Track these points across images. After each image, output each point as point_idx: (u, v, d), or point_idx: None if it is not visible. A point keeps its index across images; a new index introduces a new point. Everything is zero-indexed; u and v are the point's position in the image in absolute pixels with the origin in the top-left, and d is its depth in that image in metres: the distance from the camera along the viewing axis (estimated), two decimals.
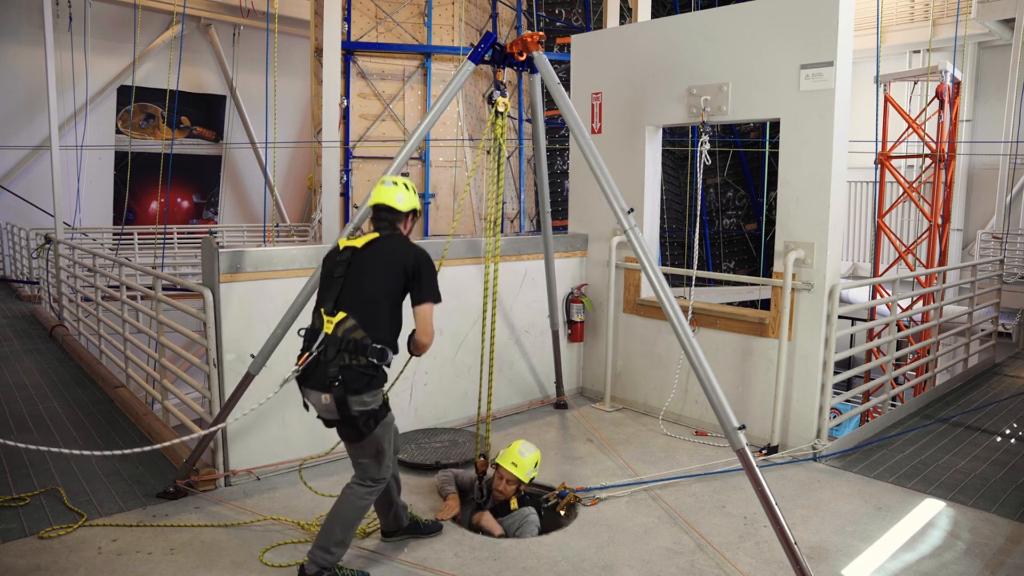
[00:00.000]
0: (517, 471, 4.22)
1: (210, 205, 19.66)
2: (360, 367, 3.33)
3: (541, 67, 4.69)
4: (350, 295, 3.45)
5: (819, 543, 4.02)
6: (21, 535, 3.97)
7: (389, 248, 3.56)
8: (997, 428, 6.03)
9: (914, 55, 17.67)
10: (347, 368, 3.32)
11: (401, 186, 3.71)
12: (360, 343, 3.34)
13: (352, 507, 3.51)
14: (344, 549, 3.52)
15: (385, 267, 3.49)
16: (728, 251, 16.41)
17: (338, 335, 3.36)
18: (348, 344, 3.34)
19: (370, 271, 3.48)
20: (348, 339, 3.35)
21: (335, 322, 3.39)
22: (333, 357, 3.34)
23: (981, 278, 8.71)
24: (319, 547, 3.45)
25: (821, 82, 5.05)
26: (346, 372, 3.32)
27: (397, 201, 3.66)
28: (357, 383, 3.33)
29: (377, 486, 3.55)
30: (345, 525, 3.50)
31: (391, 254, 3.53)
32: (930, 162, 10.51)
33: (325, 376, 3.34)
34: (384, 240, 3.59)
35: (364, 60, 14.02)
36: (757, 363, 5.57)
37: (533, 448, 4.34)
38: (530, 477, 4.28)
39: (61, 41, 14.46)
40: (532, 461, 4.28)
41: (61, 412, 6.24)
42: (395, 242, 3.60)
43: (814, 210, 5.18)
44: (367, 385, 3.36)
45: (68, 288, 9.96)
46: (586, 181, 6.67)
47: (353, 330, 3.36)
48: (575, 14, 15.54)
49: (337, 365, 3.32)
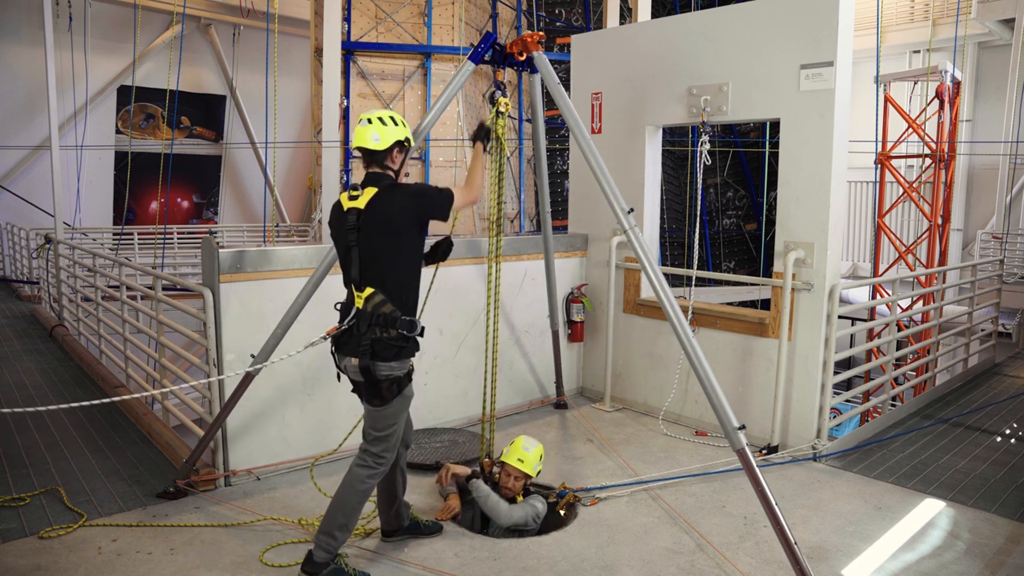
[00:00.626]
0: (524, 466, 4.23)
1: (210, 205, 19.66)
2: (390, 339, 3.45)
3: (541, 67, 4.69)
4: (371, 268, 3.48)
5: (819, 543, 4.02)
6: (21, 535, 3.97)
7: (388, 204, 3.46)
8: (997, 428, 6.03)
9: (914, 55, 17.68)
10: (378, 340, 3.45)
11: (376, 122, 3.52)
12: (390, 316, 3.44)
13: (354, 491, 3.54)
14: (347, 534, 3.56)
15: (389, 229, 3.47)
16: (728, 251, 16.41)
17: (368, 310, 3.46)
18: (379, 319, 3.45)
19: (381, 237, 3.46)
20: (378, 313, 3.45)
21: (364, 297, 3.48)
22: (365, 331, 3.45)
23: (981, 278, 8.71)
24: (323, 532, 3.51)
25: (821, 82, 5.05)
26: (377, 344, 3.45)
27: (373, 141, 3.50)
28: (387, 352, 3.46)
29: (379, 467, 3.57)
30: (347, 510, 3.53)
31: (389, 211, 3.45)
32: (930, 162, 10.51)
33: (358, 346, 3.47)
34: (382, 195, 3.48)
35: (364, 60, 14.02)
36: (757, 363, 5.57)
37: (536, 442, 4.37)
38: (537, 471, 4.31)
39: (61, 41, 14.46)
40: (537, 455, 4.31)
41: (61, 412, 6.23)
42: (391, 195, 3.48)
43: (814, 210, 5.18)
44: (396, 354, 3.48)
45: (68, 288, 9.96)
46: (586, 181, 6.67)
47: (382, 304, 3.46)
48: (575, 14, 15.54)
49: (369, 338, 3.44)
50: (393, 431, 3.58)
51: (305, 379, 4.89)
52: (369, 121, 3.53)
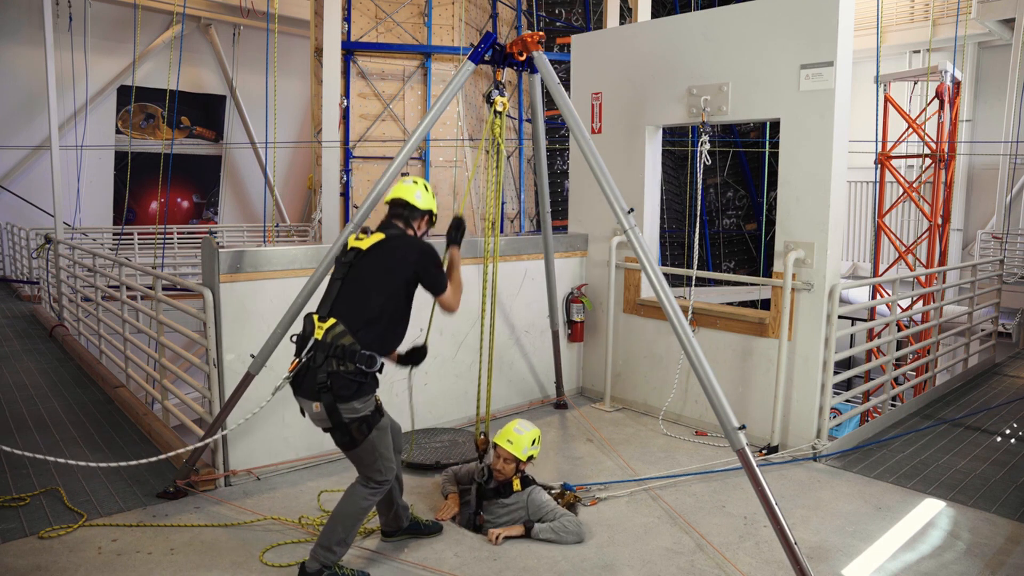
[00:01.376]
0: (513, 448, 4.10)
1: (210, 205, 19.66)
2: (348, 374, 3.30)
3: (541, 67, 4.69)
4: (344, 301, 3.44)
5: (819, 543, 4.02)
6: (21, 535, 3.97)
7: (392, 251, 3.52)
8: (997, 428, 6.03)
9: (914, 55, 17.67)
10: (335, 375, 3.29)
11: (421, 185, 3.73)
12: (348, 348, 3.30)
13: (355, 507, 3.51)
14: (346, 548, 3.52)
15: (386, 271, 3.47)
16: (728, 251, 16.42)
17: (327, 341, 3.33)
18: (336, 350, 3.30)
19: (369, 276, 3.46)
20: (336, 345, 3.31)
21: (325, 328, 3.36)
22: (321, 363, 3.31)
23: (981, 278, 8.71)
24: (321, 546, 3.46)
25: (821, 82, 5.05)
26: (334, 379, 3.29)
27: (415, 198, 3.68)
28: (346, 390, 3.31)
29: (381, 488, 3.55)
30: (347, 524, 3.50)
31: (392, 258, 3.50)
32: (930, 162, 10.51)
33: (314, 383, 3.31)
34: (389, 242, 3.55)
35: (364, 60, 14.03)
36: (757, 363, 5.57)
37: (530, 426, 4.24)
38: (527, 455, 4.16)
39: (61, 41, 14.46)
40: (529, 439, 4.16)
41: (61, 412, 6.24)
42: (399, 243, 3.56)
43: (814, 210, 5.18)
44: (356, 392, 3.33)
45: (68, 288, 9.96)
46: (586, 181, 6.67)
47: (342, 336, 3.33)
48: (575, 14, 15.54)
49: (325, 371, 3.29)
50: (379, 459, 3.50)
51: None
52: (415, 182, 3.71)
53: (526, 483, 4.21)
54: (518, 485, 4.18)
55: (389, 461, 3.57)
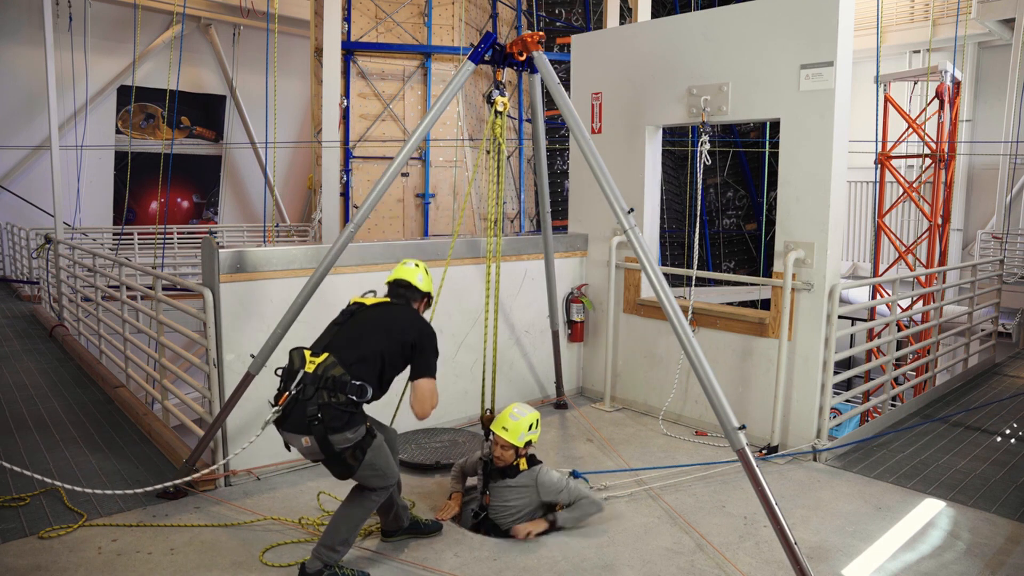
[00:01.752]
0: (508, 436, 4.04)
1: (210, 205, 19.66)
2: (339, 404, 3.28)
3: (541, 67, 4.69)
4: (340, 340, 3.49)
5: (819, 543, 4.02)
6: (21, 535, 3.97)
7: (396, 313, 3.68)
8: (997, 428, 6.03)
9: (914, 55, 17.67)
10: (326, 406, 3.27)
11: (423, 269, 3.92)
12: (339, 379, 3.30)
13: (360, 508, 3.54)
14: (348, 548, 3.54)
15: (386, 328, 3.56)
16: (728, 251, 16.42)
17: (317, 373, 3.32)
18: (326, 381, 3.29)
19: (370, 326, 3.56)
20: (327, 376, 3.30)
21: (318, 362, 3.36)
22: (311, 395, 3.28)
23: (981, 278, 8.71)
24: (324, 545, 3.47)
25: (821, 82, 5.05)
26: (325, 410, 3.27)
27: (417, 280, 3.86)
28: (337, 421, 3.29)
29: (388, 490, 3.59)
30: (351, 525, 3.52)
31: (396, 319, 3.63)
32: (930, 162, 10.51)
33: (304, 415, 3.28)
34: (394, 306, 3.73)
35: (364, 60, 14.02)
36: (757, 363, 5.57)
37: (527, 410, 4.14)
38: (525, 440, 4.07)
39: (61, 41, 14.45)
40: (526, 424, 4.08)
41: (61, 412, 6.24)
42: (404, 310, 3.72)
43: (814, 210, 5.18)
44: (347, 423, 3.31)
45: (68, 288, 9.96)
46: (586, 181, 6.67)
47: (332, 367, 3.33)
48: (575, 14, 15.54)
49: (316, 403, 3.27)
50: (380, 471, 3.50)
51: None
52: (416, 265, 3.90)
53: (532, 462, 4.16)
54: (524, 465, 4.14)
55: (390, 470, 3.58)
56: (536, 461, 4.19)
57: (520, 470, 4.12)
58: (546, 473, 4.14)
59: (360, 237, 8.89)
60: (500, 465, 4.13)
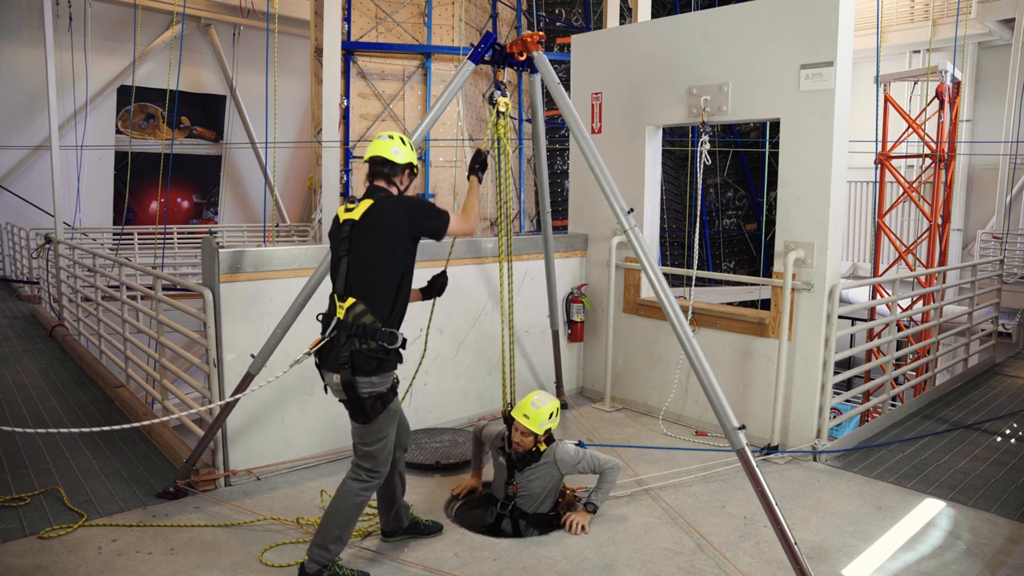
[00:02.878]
0: (529, 423, 4.08)
1: (210, 205, 19.66)
2: (370, 351, 3.39)
3: (541, 67, 4.69)
4: (356, 277, 3.47)
5: (819, 543, 4.02)
6: (21, 535, 3.97)
7: (383, 215, 3.49)
8: (997, 428, 6.03)
9: (914, 55, 17.67)
10: (357, 352, 3.39)
11: (397, 139, 3.67)
12: (370, 327, 3.38)
13: (348, 503, 3.51)
14: (341, 546, 3.52)
15: (383, 238, 3.47)
16: (728, 251, 16.42)
17: (348, 321, 3.41)
18: (358, 329, 3.39)
19: (369, 247, 3.46)
20: (358, 324, 3.40)
21: (346, 307, 3.44)
22: (345, 342, 3.40)
23: (981, 278, 8.71)
24: (316, 544, 3.46)
25: (821, 82, 5.05)
26: (356, 356, 3.39)
27: (393, 153, 3.62)
28: (367, 366, 3.40)
29: (373, 480, 3.54)
30: (341, 521, 3.50)
31: (386, 222, 3.48)
32: (930, 162, 10.51)
33: (337, 359, 3.42)
34: (378, 206, 3.51)
35: (364, 60, 14.02)
36: (757, 363, 5.57)
37: (549, 398, 4.19)
38: (545, 428, 4.13)
39: (61, 41, 14.46)
40: (547, 412, 4.14)
41: (61, 412, 6.24)
42: (387, 206, 3.52)
43: (814, 210, 5.17)
44: (377, 368, 3.41)
45: (68, 288, 9.96)
46: (586, 181, 6.67)
47: (363, 315, 3.41)
48: (575, 14, 15.54)
49: (348, 350, 3.39)
50: (382, 445, 3.53)
51: (305, 379, 4.88)
52: (391, 137, 3.67)
53: (549, 441, 4.24)
54: (543, 446, 4.19)
55: (388, 450, 3.57)
56: (552, 439, 4.27)
57: (541, 451, 4.19)
58: (563, 448, 4.22)
59: None
60: (519, 451, 4.17)
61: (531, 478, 4.19)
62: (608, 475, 4.21)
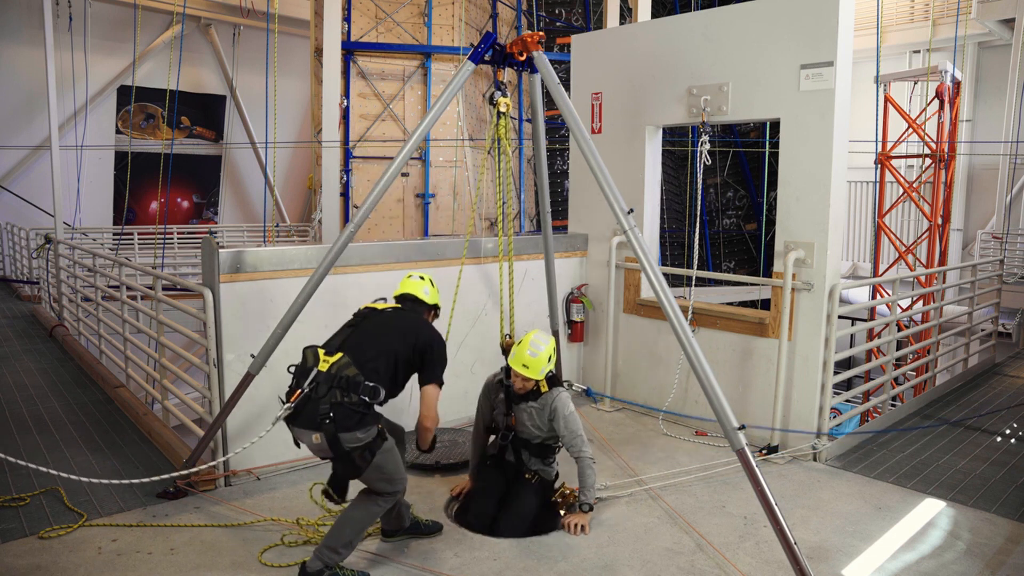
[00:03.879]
0: (530, 372, 4.10)
1: (210, 205, 19.66)
2: (351, 404, 3.31)
3: (541, 67, 4.69)
4: (354, 341, 3.53)
5: (819, 543, 4.02)
6: (21, 535, 3.97)
7: (407, 318, 3.73)
8: (997, 428, 6.03)
9: (914, 55, 17.67)
10: (338, 405, 3.29)
11: (428, 282, 3.96)
12: (352, 380, 3.33)
13: (366, 512, 3.55)
14: (350, 551, 3.55)
15: (398, 331, 3.62)
16: (728, 251, 16.42)
17: (331, 372, 3.35)
18: (340, 381, 3.32)
19: (381, 328, 3.61)
20: (340, 376, 3.33)
21: (332, 360, 3.39)
22: (324, 394, 3.31)
23: (981, 278, 8.71)
24: (327, 547, 3.47)
25: (821, 82, 5.05)
26: (337, 409, 3.29)
27: (423, 293, 3.92)
28: (348, 421, 3.30)
29: (396, 496, 3.62)
30: (356, 528, 3.53)
31: (407, 323, 3.69)
32: (930, 162, 10.50)
33: (316, 413, 3.30)
34: (405, 311, 3.79)
35: (364, 60, 14.02)
36: (757, 363, 5.57)
37: (545, 340, 4.16)
38: (546, 372, 4.14)
39: (61, 41, 14.45)
40: (545, 356, 4.12)
41: (61, 412, 6.24)
42: (415, 317, 3.79)
43: (814, 210, 5.17)
44: (359, 423, 3.33)
45: (68, 288, 9.96)
46: (586, 181, 6.66)
47: (346, 367, 3.36)
48: (575, 14, 15.54)
49: (328, 402, 3.29)
50: (388, 475, 3.51)
51: None
52: (421, 278, 3.96)
53: (553, 383, 4.25)
54: (545, 387, 4.22)
55: (398, 475, 3.59)
56: (558, 382, 4.29)
57: (542, 392, 4.22)
58: (564, 402, 4.21)
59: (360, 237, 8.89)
60: (520, 393, 4.22)
61: (525, 424, 4.27)
62: (585, 472, 4.19)
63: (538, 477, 4.36)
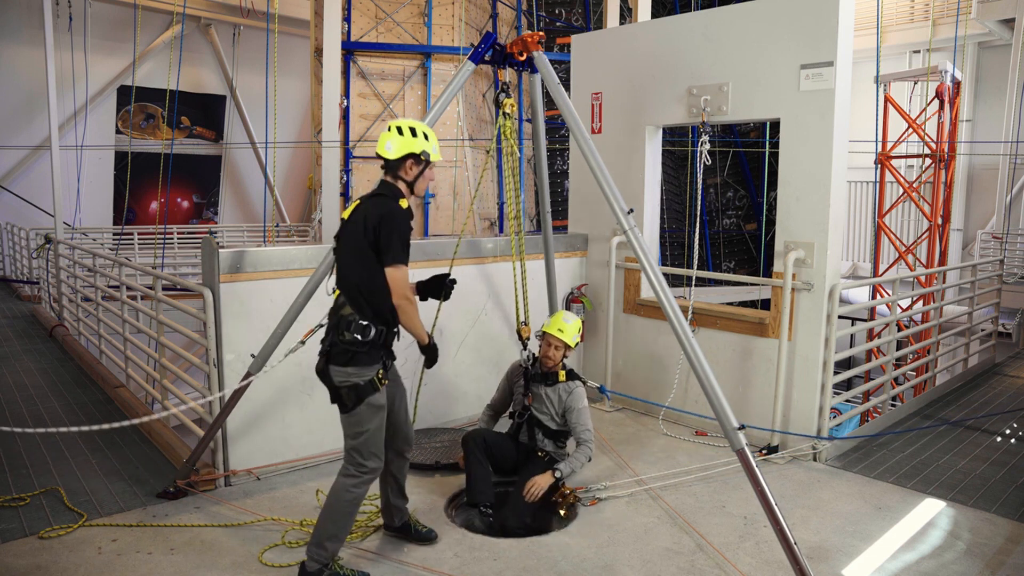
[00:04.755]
0: (564, 336, 4.55)
1: (210, 205, 19.66)
2: (344, 342, 3.46)
3: (541, 67, 4.69)
4: (343, 273, 3.60)
5: (819, 543, 4.02)
6: (21, 535, 3.97)
7: (361, 215, 3.48)
8: (997, 428, 6.03)
9: (914, 55, 17.67)
10: (335, 343, 3.49)
11: (394, 131, 3.53)
12: (346, 319, 3.48)
13: (340, 500, 3.52)
14: (338, 544, 3.53)
15: (355, 238, 3.50)
16: (728, 251, 16.42)
17: (334, 311, 3.57)
18: (338, 320, 3.51)
19: (346, 245, 3.58)
20: (339, 315, 3.52)
21: (335, 299, 3.60)
22: (330, 332, 3.55)
23: (981, 278, 8.71)
24: (313, 543, 3.48)
25: (821, 82, 5.04)
26: (333, 346, 3.50)
27: (385, 149, 3.54)
28: (341, 356, 3.48)
29: (362, 476, 3.53)
30: (336, 518, 3.51)
31: (360, 222, 3.47)
32: (930, 162, 10.50)
33: (321, 347, 3.58)
34: (361, 205, 3.53)
35: (364, 60, 14.02)
36: (757, 363, 5.57)
37: (574, 316, 4.69)
38: (576, 342, 4.63)
39: (61, 41, 14.45)
40: (576, 327, 4.61)
41: (61, 412, 6.24)
42: (367, 208, 3.48)
43: (814, 210, 5.17)
44: (350, 360, 3.46)
45: (68, 288, 9.96)
46: (586, 181, 6.66)
47: (342, 307, 3.53)
48: (575, 14, 15.54)
49: (329, 340, 3.53)
50: (365, 439, 3.52)
51: (305, 379, 4.89)
52: (389, 129, 3.59)
53: (571, 376, 4.65)
54: (563, 376, 4.59)
55: (372, 447, 3.55)
56: (575, 376, 4.66)
57: (559, 380, 4.61)
58: (579, 396, 4.59)
59: None
60: (548, 366, 4.60)
61: (541, 408, 4.61)
62: (578, 454, 4.52)
63: (549, 456, 4.61)
